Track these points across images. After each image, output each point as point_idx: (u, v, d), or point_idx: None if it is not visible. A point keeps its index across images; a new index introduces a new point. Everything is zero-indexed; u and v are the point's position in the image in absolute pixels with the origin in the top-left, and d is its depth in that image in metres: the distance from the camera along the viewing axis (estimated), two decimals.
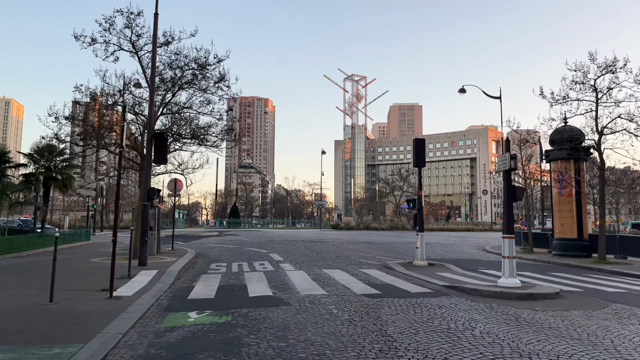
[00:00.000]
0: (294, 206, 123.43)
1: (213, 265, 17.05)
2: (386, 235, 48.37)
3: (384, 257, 20.50)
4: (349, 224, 62.61)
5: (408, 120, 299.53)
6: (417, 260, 16.22)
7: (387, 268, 15.94)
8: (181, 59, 18.20)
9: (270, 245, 29.17)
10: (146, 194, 15.01)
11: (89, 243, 27.19)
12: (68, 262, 16.19)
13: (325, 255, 21.55)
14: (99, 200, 36.13)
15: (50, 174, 25.80)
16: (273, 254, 22.23)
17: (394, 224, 63.14)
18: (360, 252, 23.25)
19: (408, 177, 73.73)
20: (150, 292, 10.77)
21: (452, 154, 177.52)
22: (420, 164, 16.49)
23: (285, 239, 37.05)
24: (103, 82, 20.24)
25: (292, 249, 25.21)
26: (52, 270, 9.39)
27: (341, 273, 14.43)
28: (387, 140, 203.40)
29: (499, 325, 7.46)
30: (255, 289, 11.26)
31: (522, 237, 28.79)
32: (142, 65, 18.25)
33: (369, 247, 27.77)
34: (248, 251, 24.00)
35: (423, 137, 16.11)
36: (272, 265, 16.91)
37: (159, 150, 15.04)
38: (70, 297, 9.78)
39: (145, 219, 15.06)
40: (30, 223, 33.80)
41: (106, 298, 9.85)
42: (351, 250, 25.02)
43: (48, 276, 12.82)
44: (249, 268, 16.14)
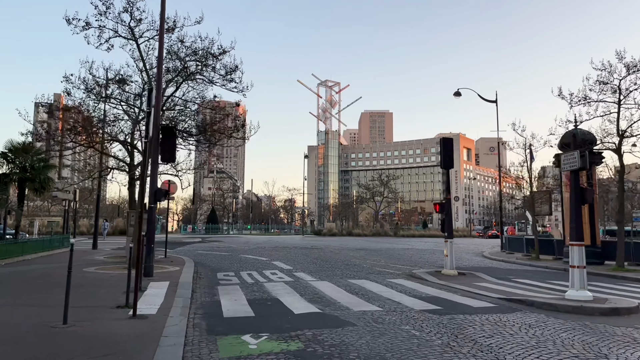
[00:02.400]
0: (265, 212, 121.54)
1: (220, 275, 15.47)
2: (373, 241, 47.33)
3: (398, 265, 19.31)
4: (331, 230, 61.34)
5: (379, 127, 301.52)
6: (447, 269, 15.07)
7: (415, 277, 14.73)
8: (185, 48, 16.57)
9: (264, 252, 27.59)
10: (153, 195, 13.33)
11: None
12: (60, 273, 14.29)
13: (334, 263, 20.20)
14: (71, 204, 33.60)
15: (26, 175, 23.51)
16: (276, 261, 20.74)
17: (376, 230, 62.27)
18: (367, 260, 21.98)
19: (388, 182, 73.12)
20: (175, 308, 9.20)
21: (424, 160, 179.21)
22: (448, 165, 15.40)
23: (275, 245, 35.45)
24: (89, 74, 18.59)
25: (292, 257, 23.75)
26: (66, 283, 7.73)
27: (372, 284, 13.12)
28: (360, 147, 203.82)
29: (625, 350, 6.31)
30: (295, 304, 9.83)
31: (524, 243, 28.18)
32: (141, 53, 16.55)
33: (369, 254, 26.55)
34: (246, 259, 22.40)
35: (450, 137, 14.95)
36: (286, 275, 15.49)
37: (167, 146, 13.39)
38: (84, 316, 8.14)
39: (151, 223, 13.38)
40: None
41: (129, 317, 8.25)
42: (354, 257, 23.74)
43: (44, 290, 11.10)
44: (263, 278, 14.66)
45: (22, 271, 14.79)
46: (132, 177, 21.75)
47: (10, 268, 15.67)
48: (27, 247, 19.51)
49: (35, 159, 24.19)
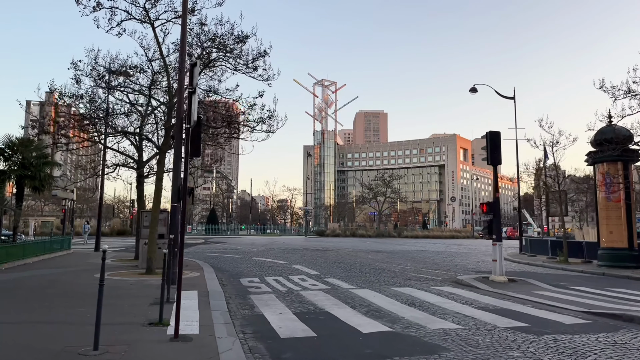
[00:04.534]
0: (261, 213, 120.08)
1: (245, 282, 14.07)
2: (381, 242, 46.04)
3: (430, 270, 18.00)
4: (334, 231, 59.94)
5: (374, 127, 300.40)
6: (496, 275, 13.75)
7: (463, 285, 13.39)
8: (203, 33, 15.11)
9: (276, 254, 26.20)
10: (176, 193, 11.88)
11: (71, 253, 23.40)
12: (70, 281, 12.81)
13: (360, 267, 18.85)
14: (71, 204, 32.03)
15: (26, 172, 21.93)
16: (296, 265, 19.35)
17: (380, 230, 61.01)
18: (393, 264, 20.64)
19: (391, 182, 71.83)
20: (219, 326, 7.79)
21: (421, 161, 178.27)
22: (496, 161, 14.08)
23: (284, 247, 34.05)
24: (94, 63, 17.13)
25: (310, 260, 22.37)
26: (98, 301, 6.26)
27: (422, 293, 11.76)
28: (356, 147, 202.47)
29: None
30: (353, 319, 8.46)
31: (548, 245, 26.97)
32: (157, 38, 15.13)
33: (388, 256, 25.22)
34: (262, 262, 20.98)
35: (497, 131, 13.55)
36: (317, 281, 14.14)
37: (192, 138, 11.93)
38: (114, 337, 6.71)
39: (175, 224, 11.91)
40: None
41: (170, 339, 6.82)
42: (376, 260, 22.40)
43: (59, 302, 9.51)
44: (293, 284, 13.28)
45: (27, 278, 13.25)
46: (140, 175, 20.30)
47: (13, 274, 14.13)
48: (28, 249, 17.97)
49: (34, 155, 22.63)
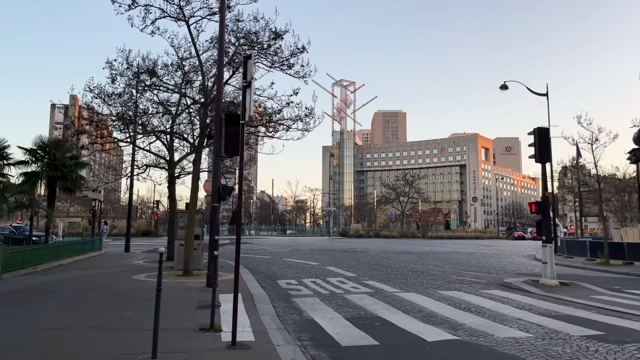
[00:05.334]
0: (280, 213, 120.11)
1: (283, 284, 13.71)
2: (407, 243, 45.31)
3: (470, 272, 17.39)
4: (358, 232, 59.35)
5: (392, 127, 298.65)
6: (547, 278, 13.10)
7: (512, 288, 12.81)
8: (238, 30, 14.79)
9: (305, 255, 25.84)
10: (216, 193, 11.56)
11: (102, 253, 23.36)
12: (110, 283, 12.60)
13: (396, 269, 18.33)
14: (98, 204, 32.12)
15: (57, 173, 21.92)
16: (330, 267, 18.92)
17: (403, 231, 60.25)
18: (429, 266, 20.07)
19: (414, 182, 70.89)
20: (273, 332, 7.41)
21: (442, 160, 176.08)
22: (544, 159, 13.44)
23: (311, 248, 33.70)
24: (127, 64, 17.00)
25: (342, 261, 21.93)
26: (155, 307, 5.90)
27: (474, 297, 11.22)
28: (375, 147, 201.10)
29: None
30: (411, 326, 7.99)
31: (587, 246, 26.04)
32: (192, 35, 14.86)
33: (421, 258, 24.64)
34: (294, 263, 20.62)
35: (546, 127, 12.91)
36: (357, 283, 13.70)
37: (230, 137, 11.59)
38: (169, 344, 6.34)
39: (216, 225, 11.59)
40: (25, 230, 29.62)
41: (227, 346, 6.46)
42: (411, 262, 21.84)
43: (104, 305, 9.24)
44: (334, 287, 12.86)
45: (66, 280, 13.07)
46: (172, 175, 20.11)
47: (51, 275, 13.98)
48: (62, 251, 17.89)
49: (66, 156, 22.63)
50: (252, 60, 6.93)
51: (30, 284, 11.94)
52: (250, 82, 6.85)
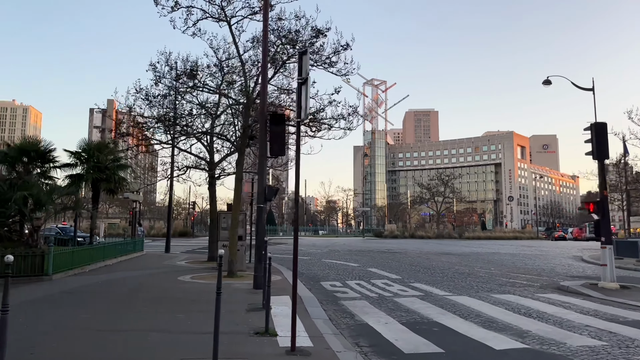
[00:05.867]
0: (312, 214, 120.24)
1: (327, 285, 13.48)
2: (445, 244, 44.39)
3: (519, 274, 16.74)
4: (393, 232, 58.70)
5: (424, 126, 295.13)
6: (607, 281, 12.44)
7: (570, 292, 12.19)
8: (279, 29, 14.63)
9: (344, 256, 25.58)
10: (262, 194, 11.42)
11: (144, 254, 23.71)
12: (157, 284, 12.66)
13: (440, 271, 17.85)
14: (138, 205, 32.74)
15: (101, 175, 22.34)
16: (371, 268, 18.59)
17: (440, 232, 59.21)
18: (475, 267, 19.47)
19: (449, 181, 69.57)
20: (329, 337, 7.18)
21: (476, 159, 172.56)
22: (603, 155, 12.77)
23: (347, 249, 33.43)
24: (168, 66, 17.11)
25: (383, 262, 21.56)
26: (215, 310, 5.75)
27: (530, 301, 10.70)
28: (407, 146, 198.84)
29: None
30: (472, 332, 7.62)
31: (639, 247, 24.80)
32: (233, 35, 14.82)
33: (463, 259, 23.99)
34: (334, 265, 20.40)
35: (604, 122, 12.20)
36: (404, 286, 13.33)
37: (276, 137, 11.43)
38: (227, 349, 6.18)
39: (262, 226, 11.45)
40: (70, 231, 30.40)
41: (286, 352, 6.26)
42: (455, 264, 21.27)
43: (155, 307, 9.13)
44: (381, 290, 12.56)
45: (114, 281, 13.20)
46: (212, 176, 20.18)
47: (99, 276, 14.18)
48: (107, 251, 18.20)
49: (109, 159, 23.06)
50: (308, 56, 6.69)
51: (81, 285, 12.09)
52: (306, 79, 6.64)
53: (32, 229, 17.12)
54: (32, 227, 17.24)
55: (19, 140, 21.34)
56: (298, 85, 6.79)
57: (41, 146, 20.27)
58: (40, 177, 20.57)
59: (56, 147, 20.93)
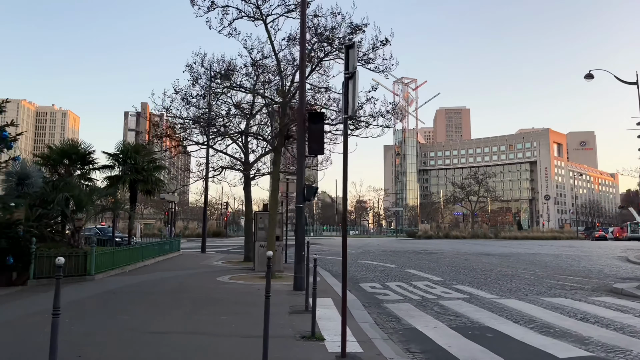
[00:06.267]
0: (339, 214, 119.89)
1: (366, 287, 13.20)
2: (481, 244, 43.37)
3: (564, 276, 16.04)
4: (426, 232, 57.77)
5: (455, 124, 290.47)
6: None
7: (627, 295, 11.52)
8: (315, 26, 14.40)
9: (379, 257, 25.20)
10: (301, 193, 11.22)
11: (181, 254, 23.93)
12: (197, 285, 12.63)
13: (482, 272, 17.29)
14: (173, 206, 33.24)
15: (138, 176, 22.67)
16: (409, 269, 18.18)
17: (475, 232, 57.94)
18: (518, 269, 18.79)
19: (484, 180, 68.01)
20: (379, 342, 6.89)
21: (510, 157, 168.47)
22: None
23: (382, 249, 33.05)
24: (202, 67, 17.14)
25: (420, 263, 21.09)
26: (265, 314, 5.56)
27: (587, 305, 10.13)
28: (439, 145, 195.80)
29: None
30: (529, 338, 7.18)
31: None
32: (269, 34, 14.68)
33: (504, 260, 23.26)
34: (371, 265, 20.07)
35: None
36: (447, 288, 12.91)
37: (314, 136, 11.22)
38: (275, 354, 5.97)
39: (301, 226, 11.25)
40: (108, 232, 31.04)
41: (337, 358, 5.99)
42: (496, 265, 20.62)
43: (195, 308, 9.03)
44: (424, 292, 12.16)
45: (154, 281, 13.25)
46: (247, 176, 20.16)
47: (139, 276, 14.28)
48: (146, 252, 18.39)
49: (145, 160, 23.38)
50: (355, 49, 6.42)
51: (123, 285, 12.16)
52: (353, 73, 6.36)
53: (73, 230, 17.45)
54: (73, 228, 17.58)
55: (59, 142, 21.83)
56: (345, 80, 6.53)
57: (81, 148, 20.70)
58: (81, 179, 21.01)
59: (95, 149, 21.33)
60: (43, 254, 12.02)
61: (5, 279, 11.37)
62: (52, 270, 12.20)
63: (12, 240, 11.25)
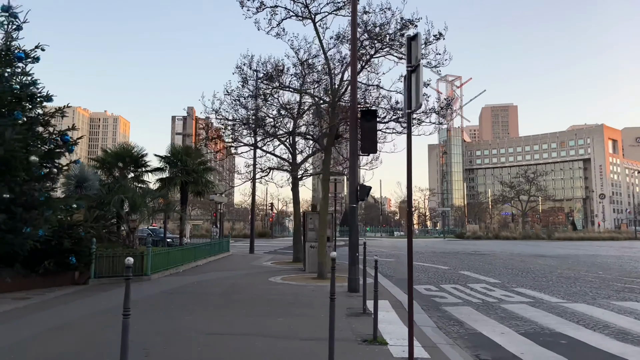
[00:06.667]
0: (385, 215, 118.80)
1: (420, 289, 12.85)
2: (533, 245, 41.76)
3: (635, 279, 15.08)
4: (475, 233, 56.19)
5: (502, 121, 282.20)
6: None
7: None
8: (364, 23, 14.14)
9: (430, 258, 24.64)
10: (354, 193, 11.00)
11: (230, 254, 24.22)
12: (250, 285, 12.66)
13: (546, 275, 16.49)
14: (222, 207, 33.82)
15: (189, 178, 23.14)
16: (463, 271, 17.63)
17: (526, 232, 55.89)
18: (580, 271, 17.88)
19: (535, 179, 65.48)
20: (446, 348, 6.58)
21: (561, 155, 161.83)
22: None
23: (431, 250, 32.36)
24: (250, 70, 17.20)
25: (473, 265, 20.43)
26: (329, 318, 5.38)
27: None
28: (485, 143, 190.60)
29: None
30: (613, 347, 6.67)
31: None
32: (318, 33, 14.55)
33: (562, 262, 22.21)
34: (422, 267, 19.60)
35: None
36: (507, 291, 12.37)
37: (367, 134, 11.01)
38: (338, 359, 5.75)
39: (355, 227, 11.04)
40: (159, 232, 31.88)
41: None
42: (556, 267, 19.70)
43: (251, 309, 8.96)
44: (483, 295, 11.68)
45: (208, 281, 13.38)
46: (295, 177, 20.13)
47: (193, 276, 14.48)
48: (198, 252, 18.69)
49: (195, 162, 23.83)
50: (419, 40, 6.14)
51: (178, 285, 12.33)
52: (417, 66, 6.09)
53: (128, 230, 17.94)
54: (128, 229, 18.07)
55: (111, 147, 22.59)
56: (408, 73, 6.26)
57: (134, 151, 21.29)
58: (134, 181, 21.62)
59: (147, 152, 21.88)
60: (103, 254, 12.36)
61: (69, 278, 11.75)
62: (110, 269, 12.53)
63: (74, 241, 11.61)
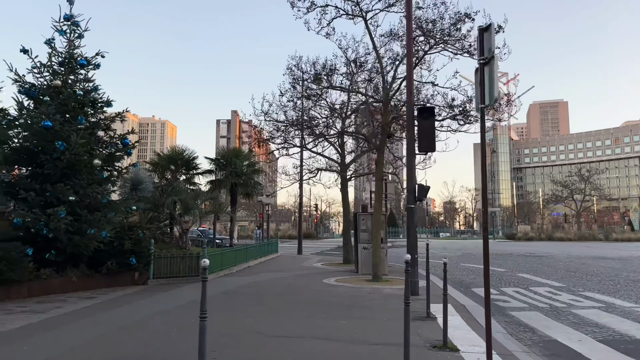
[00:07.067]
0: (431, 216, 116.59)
1: (479, 292, 12.25)
2: (590, 246, 39.93)
3: None
4: (527, 234, 54.25)
5: (551, 118, 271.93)
6: None
7: None
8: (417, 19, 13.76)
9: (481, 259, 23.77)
10: (412, 192, 10.69)
11: (279, 255, 24.31)
12: (304, 286, 12.58)
13: (613, 278, 15.61)
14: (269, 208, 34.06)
15: (238, 180, 23.38)
16: (522, 274, 16.98)
17: (582, 233, 53.45)
18: None
19: (590, 177, 62.50)
20: (523, 356, 6.20)
21: (616, 152, 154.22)
22: None
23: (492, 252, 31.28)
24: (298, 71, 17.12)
25: (533, 267, 19.65)
26: (404, 322, 5.16)
27: None
28: (534, 141, 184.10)
29: None
30: None
31: None
32: (369, 30, 14.32)
33: (626, 264, 21.03)
34: (476, 269, 19.03)
35: None
36: (574, 295, 11.74)
37: (425, 132, 10.67)
38: None
39: (413, 228, 10.73)
40: (209, 233, 32.45)
41: None
42: (621, 269, 18.66)
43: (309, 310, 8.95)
44: (549, 300, 11.11)
45: (263, 282, 13.40)
46: (344, 178, 19.95)
47: (246, 277, 14.55)
48: (249, 253, 18.82)
49: (244, 165, 24.06)
50: (492, 31, 5.81)
51: (234, 286, 12.37)
52: (490, 58, 5.76)
53: (181, 232, 18.27)
54: (181, 230, 18.40)
55: (161, 150, 23.12)
56: (480, 66, 5.95)
57: (186, 154, 21.69)
58: (186, 183, 22.04)
59: (198, 155, 22.25)
60: (161, 255, 12.57)
61: (129, 279, 12.02)
62: (168, 270, 12.74)
63: (134, 242, 11.86)
